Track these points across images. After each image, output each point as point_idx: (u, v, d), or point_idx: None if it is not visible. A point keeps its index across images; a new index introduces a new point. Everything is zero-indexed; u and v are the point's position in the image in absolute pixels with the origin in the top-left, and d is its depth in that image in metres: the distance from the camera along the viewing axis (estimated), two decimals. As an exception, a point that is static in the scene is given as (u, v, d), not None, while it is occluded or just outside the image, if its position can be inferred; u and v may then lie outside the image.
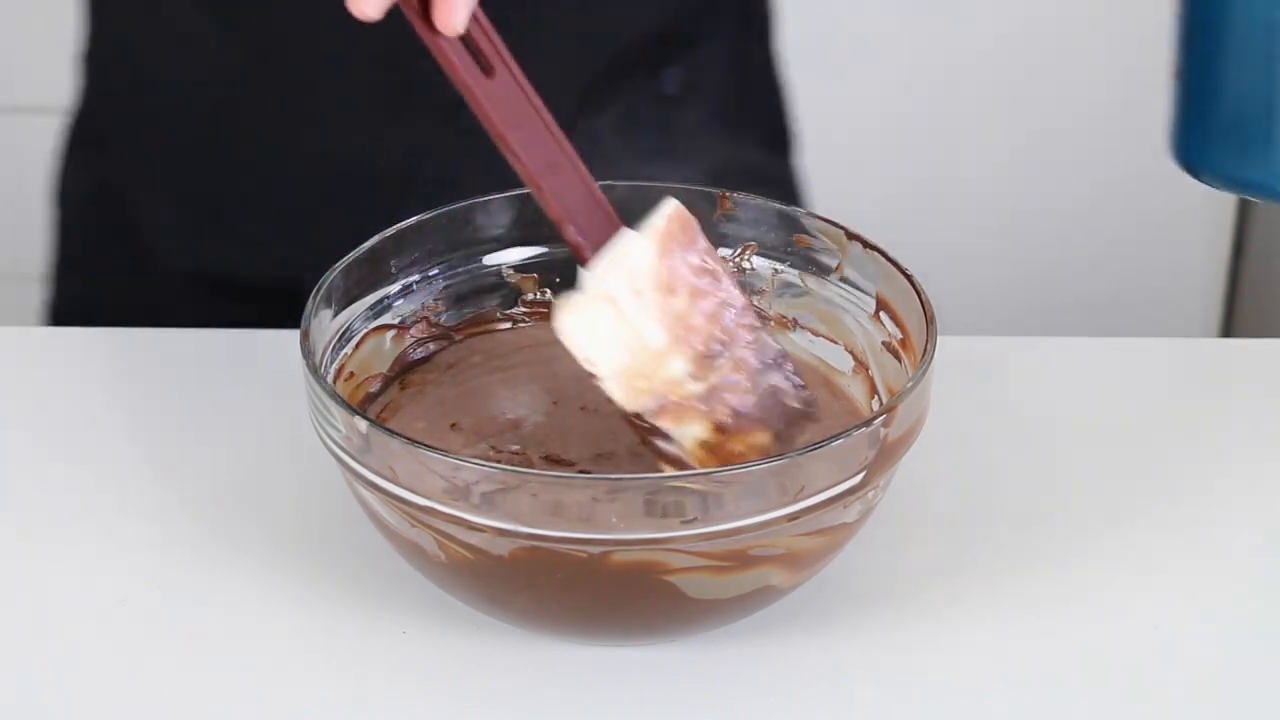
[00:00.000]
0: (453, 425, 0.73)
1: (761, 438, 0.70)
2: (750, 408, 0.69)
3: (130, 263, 0.98)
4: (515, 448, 0.72)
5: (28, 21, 1.81)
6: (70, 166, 1.03)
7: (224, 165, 0.95)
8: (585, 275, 0.68)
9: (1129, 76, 1.84)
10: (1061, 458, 0.80)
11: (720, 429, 0.69)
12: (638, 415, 0.68)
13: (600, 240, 0.68)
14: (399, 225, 0.75)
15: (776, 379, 0.70)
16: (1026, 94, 1.85)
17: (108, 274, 1.01)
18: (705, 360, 0.69)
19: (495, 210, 0.77)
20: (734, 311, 0.70)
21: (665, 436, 0.68)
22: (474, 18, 0.65)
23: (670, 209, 0.69)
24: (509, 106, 0.66)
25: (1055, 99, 1.85)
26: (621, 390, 0.68)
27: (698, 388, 0.69)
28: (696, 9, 0.96)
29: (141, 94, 0.96)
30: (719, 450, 0.69)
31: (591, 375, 0.67)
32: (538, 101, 0.67)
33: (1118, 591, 0.73)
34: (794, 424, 0.71)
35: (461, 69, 0.65)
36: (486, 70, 0.66)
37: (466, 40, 0.65)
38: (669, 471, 0.68)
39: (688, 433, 0.68)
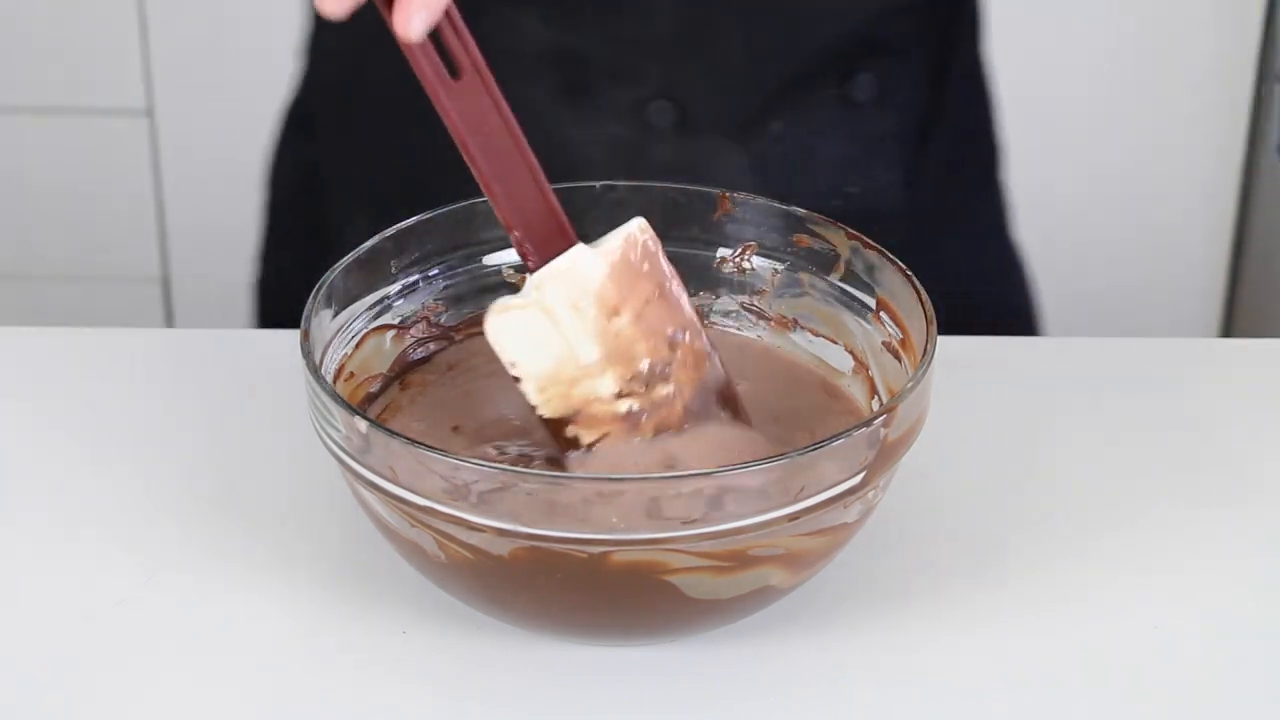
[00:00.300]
0: (455, 428, 0.73)
1: None
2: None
3: (329, 245, 1.01)
4: (518, 450, 0.71)
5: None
6: (281, 150, 1.06)
7: (421, 157, 0.96)
8: (528, 281, 0.69)
9: (1130, 75, 1.84)
10: (1061, 458, 0.80)
11: None
12: (554, 421, 0.69)
13: (549, 250, 0.69)
14: (399, 225, 0.75)
15: (713, 411, 0.71)
16: (1026, 94, 1.85)
17: (308, 255, 1.03)
18: (637, 384, 0.69)
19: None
20: (681, 340, 0.70)
21: (577, 444, 0.69)
22: (447, 18, 0.65)
23: (632, 230, 0.70)
24: (471, 110, 0.67)
25: (1056, 99, 1.85)
26: (540, 396, 0.69)
27: (622, 408, 0.69)
28: (891, 15, 0.95)
29: (349, 83, 0.99)
30: None
31: (515, 379, 0.69)
32: (504, 108, 0.68)
33: (1118, 591, 0.73)
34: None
35: (427, 68, 0.65)
36: (454, 71, 0.66)
37: (437, 40, 0.66)
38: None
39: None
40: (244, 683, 0.68)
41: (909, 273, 0.72)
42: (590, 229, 0.76)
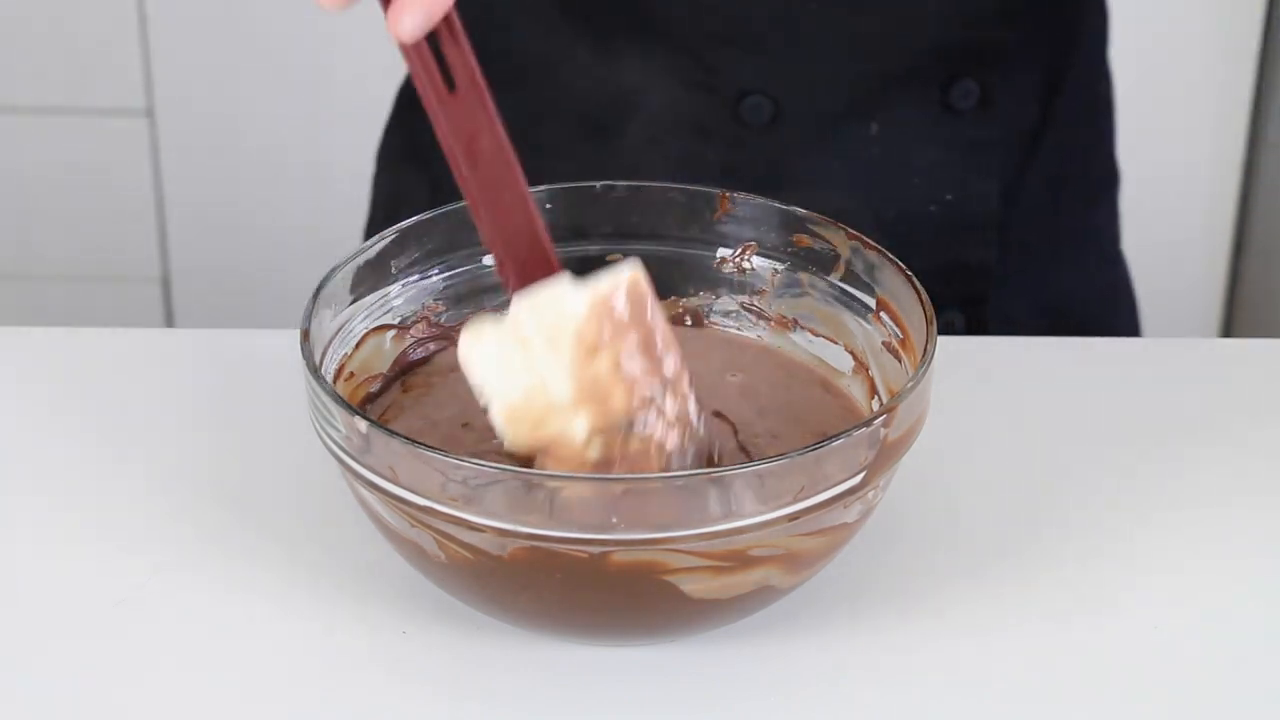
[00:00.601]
0: (465, 425, 0.73)
1: None
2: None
3: None
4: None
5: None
6: (391, 126, 1.07)
7: (528, 142, 0.96)
8: (512, 307, 0.66)
9: (1130, 75, 1.84)
10: (1061, 458, 0.80)
11: None
12: (523, 457, 0.67)
13: (529, 274, 0.67)
14: (399, 225, 0.75)
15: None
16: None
17: None
18: (610, 435, 0.66)
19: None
20: (662, 398, 0.67)
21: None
22: (447, 25, 0.63)
23: (625, 274, 0.66)
24: (464, 124, 0.65)
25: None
26: (507, 427, 0.66)
27: (592, 456, 0.66)
28: (998, 18, 0.92)
29: None
30: None
31: (484, 408, 0.66)
32: (498, 128, 0.66)
33: (1118, 591, 0.73)
34: None
35: (421, 74, 0.64)
36: (450, 81, 0.64)
37: (437, 49, 0.64)
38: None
39: None
40: (244, 682, 0.68)
41: (909, 273, 0.72)
42: (590, 228, 0.76)
